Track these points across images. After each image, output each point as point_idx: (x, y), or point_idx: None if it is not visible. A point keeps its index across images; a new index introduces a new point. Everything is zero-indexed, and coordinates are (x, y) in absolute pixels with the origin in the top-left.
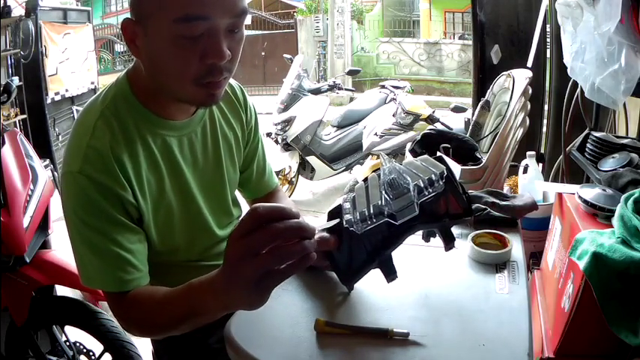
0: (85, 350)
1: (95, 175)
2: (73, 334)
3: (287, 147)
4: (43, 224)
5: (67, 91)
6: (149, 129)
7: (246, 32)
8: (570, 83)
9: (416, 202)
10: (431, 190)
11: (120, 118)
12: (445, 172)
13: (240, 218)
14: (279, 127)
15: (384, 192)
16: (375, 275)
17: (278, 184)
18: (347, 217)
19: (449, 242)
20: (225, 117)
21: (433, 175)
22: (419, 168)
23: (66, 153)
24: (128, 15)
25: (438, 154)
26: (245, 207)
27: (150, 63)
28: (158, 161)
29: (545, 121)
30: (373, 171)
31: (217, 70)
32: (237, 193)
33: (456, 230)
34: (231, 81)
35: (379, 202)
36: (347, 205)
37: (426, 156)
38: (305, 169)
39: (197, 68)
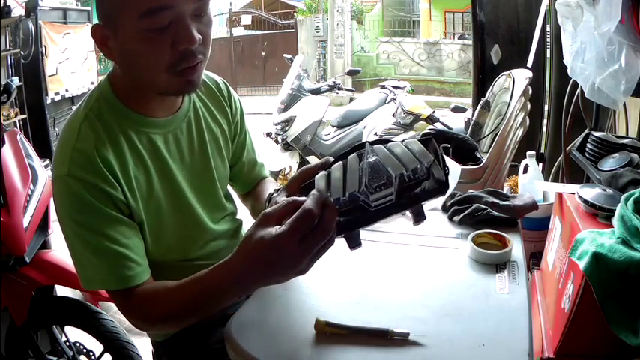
0: (85, 350)
1: (83, 176)
2: (73, 334)
3: (287, 147)
4: (43, 224)
5: (67, 91)
6: (133, 128)
7: (246, 32)
8: (570, 83)
9: (395, 192)
10: (413, 179)
11: (103, 119)
12: (432, 161)
13: (297, 219)
14: (279, 127)
15: (364, 180)
16: (375, 275)
17: (268, 176)
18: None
19: (418, 219)
20: (210, 112)
21: (419, 166)
22: (404, 155)
23: (54, 159)
24: None
25: (427, 131)
26: (237, 201)
27: (124, 62)
28: (145, 159)
29: (545, 121)
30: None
31: (190, 54)
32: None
33: (456, 230)
34: (215, 76)
35: (356, 190)
36: (321, 185)
37: (414, 140)
38: None
39: (170, 57)
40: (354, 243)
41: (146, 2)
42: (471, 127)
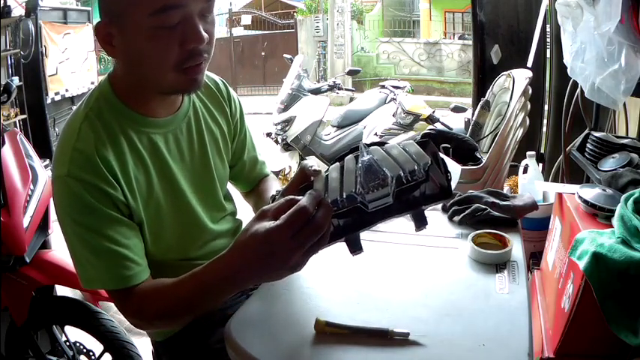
0: (85, 350)
1: (83, 176)
2: (73, 334)
3: (287, 147)
4: (43, 224)
5: (67, 91)
6: (133, 128)
7: (246, 32)
8: (570, 83)
9: (392, 193)
10: (410, 180)
11: (104, 119)
12: (430, 162)
13: (291, 214)
14: (279, 127)
15: (360, 179)
16: (375, 275)
17: (270, 174)
18: None
19: (420, 225)
20: (210, 112)
21: (416, 167)
22: (400, 156)
23: (54, 159)
24: None
25: (427, 131)
26: (239, 200)
27: (129, 59)
28: (145, 159)
29: (545, 121)
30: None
31: (197, 53)
32: (230, 187)
33: (456, 230)
34: (214, 76)
35: (352, 191)
36: (318, 185)
37: (410, 141)
38: None
39: (178, 55)
40: (355, 247)
41: (158, 0)
42: (470, 127)
